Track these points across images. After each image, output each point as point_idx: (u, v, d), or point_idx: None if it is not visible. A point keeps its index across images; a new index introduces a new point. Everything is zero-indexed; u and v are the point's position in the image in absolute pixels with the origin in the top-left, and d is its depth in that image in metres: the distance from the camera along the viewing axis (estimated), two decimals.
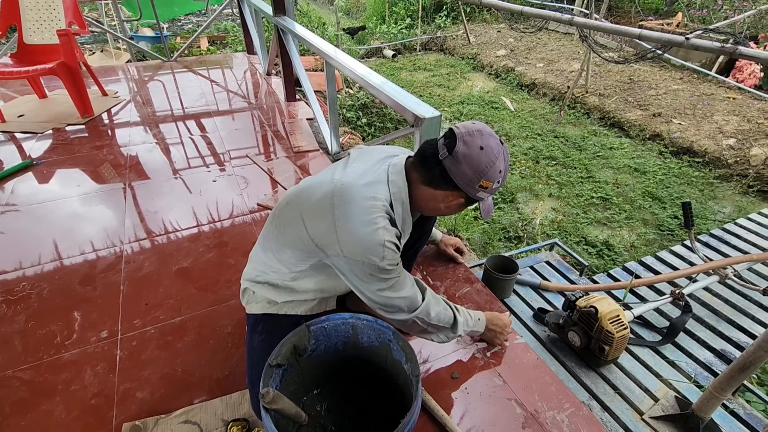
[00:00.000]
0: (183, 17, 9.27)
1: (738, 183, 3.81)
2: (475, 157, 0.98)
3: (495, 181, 1.01)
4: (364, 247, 1.02)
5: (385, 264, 1.03)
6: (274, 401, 0.87)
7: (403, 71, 6.97)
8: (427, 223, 1.51)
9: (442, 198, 1.07)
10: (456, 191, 1.04)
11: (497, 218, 3.38)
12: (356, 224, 1.02)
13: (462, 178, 1.00)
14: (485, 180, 0.99)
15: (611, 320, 1.64)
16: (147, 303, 1.66)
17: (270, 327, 1.23)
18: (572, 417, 1.27)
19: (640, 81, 5.50)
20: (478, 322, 1.35)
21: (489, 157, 0.98)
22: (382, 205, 1.04)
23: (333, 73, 2.56)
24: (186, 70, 4.43)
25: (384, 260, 1.02)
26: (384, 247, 1.02)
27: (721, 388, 1.34)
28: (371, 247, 1.01)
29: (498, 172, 1.00)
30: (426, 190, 1.07)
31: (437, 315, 1.19)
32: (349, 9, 11.22)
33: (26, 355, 1.45)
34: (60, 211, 2.21)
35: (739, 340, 1.92)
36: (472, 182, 1.00)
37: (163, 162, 2.69)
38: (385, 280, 1.07)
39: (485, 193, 1.04)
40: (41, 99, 3.52)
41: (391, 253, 1.04)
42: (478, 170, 0.98)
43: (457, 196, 1.05)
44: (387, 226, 1.04)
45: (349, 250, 1.03)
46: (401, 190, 1.07)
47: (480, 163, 0.98)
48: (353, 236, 1.02)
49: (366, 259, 1.02)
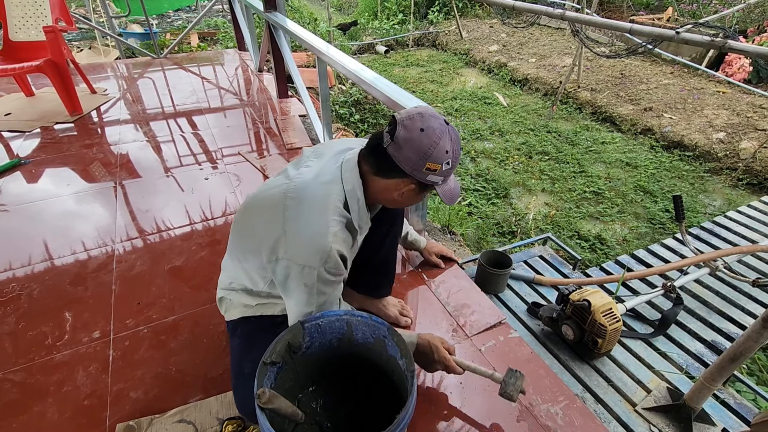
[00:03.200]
0: (172, 13, 9.17)
1: (728, 176, 3.85)
2: (416, 140, 0.95)
3: (443, 163, 0.97)
4: (310, 250, 0.98)
5: (326, 273, 0.99)
6: (270, 401, 0.87)
7: (396, 67, 6.95)
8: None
9: (394, 187, 1.03)
10: (405, 178, 1.00)
11: (490, 213, 3.39)
12: (306, 225, 0.99)
13: (407, 163, 0.97)
14: (431, 162, 0.95)
15: (604, 313, 1.66)
16: (139, 302, 1.64)
17: (247, 329, 1.21)
18: (566, 409, 1.28)
19: (631, 76, 5.53)
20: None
21: (431, 139, 0.95)
22: (336, 207, 1.02)
23: (325, 70, 2.54)
24: (176, 67, 4.38)
25: (326, 266, 0.99)
26: (330, 254, 0.98)
27: (712, 378, 1.36)
28: (317, 250, 0.98)
29: (444, 153, 0.96)
30: (378, 181, 1.04)
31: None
32: (340, 5, 11.15)
33: (17, 356, 1.43)
34: (50, 211, 2.18)
35: (730, 331, 1.95)
36: (418, 166, 0.96)
37: (155, 160, 2.66)
38: (321, 294, 1.02)
39: (436, 176, 0.99)
40: (28, 97, 3.46)
41: (335, 262, 1.00)
42: (420, 153, 0.95)
43: (407, 183, 1.01)
44: (339, 232, 1.01)
45: (293, 252, 0.99)
46: (355, 187, 1.04)
47: (422, 146, 0.95)
48: (300, 237, 0.99)
49: (308, 263, 0.98)
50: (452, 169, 1.01)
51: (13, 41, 3.21)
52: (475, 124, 4.88)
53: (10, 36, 3.20)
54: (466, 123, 4.96)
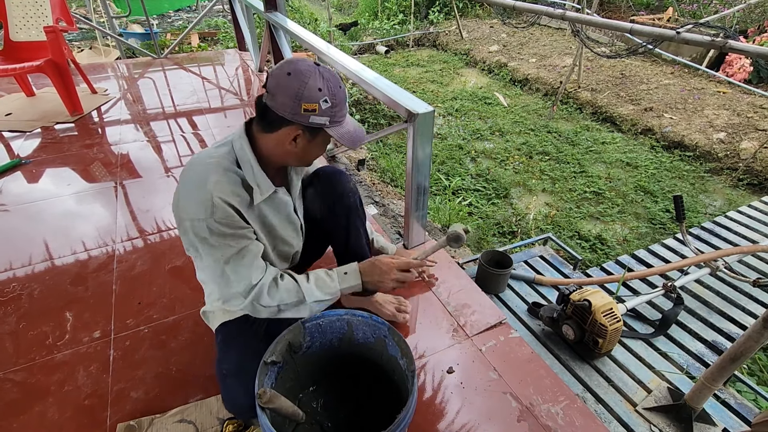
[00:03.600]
0: (173, 13, 9.18)
1: (728, 176, 3.85)
2: (286, 84, 0.96)
3: (320, 101, 0.97)
4: (194, 201, 1.00)
5: (217, 224, 1.00)
6: (271, 401, 0.87)
7: (396, 67, 6.95)
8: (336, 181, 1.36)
9: (284, 139, 1.03)
10: (290, 125, 1.01)
11: (491, 213, 3.39)
12: (189, 182, 1.03)
13: (284, 109, 0.97)
14: (306, 102, 0.96)
15: (605, 313, 1.66)
16: (140, 302, 1.64)
17: (226, 332, 1.23)
18: (567, 409, 1.28)
19: (631, 76, 5.53)
20: (345, 277, 1.22)
21: (299, 79, 0.95)
22: (218, 163, 1.04)
23: None
24: (177, 67, 4.38)
25: (213, 217, 0.99)
26: (213, 202, 0.99)
27: (713, 378, 1.36)
28: (200, 200, 1.00)
29: (317, 91, 0.96)
30: (269, 137, 1.05)
31: (275, 294, 1.11)
32: (341, 5, 11.15)
33: (18, 356, 1.43)
34: (50, 211, 2.18)
35: (730, 331, 1.95)
36: (295, 108, 0.97)
37: (155, 160, 2.66)
38: (224, 247, 1.03)
39: (319, 117, 0.99)
40: (29, 97, 3.46)
41: (223, 212, 1.01)
42: (293, 95, 0.96)
43: (294, 130, 1.01)
44: (221, 180, 1.02)
45: (183, 211, 1.02)
46: (244, 146, 1.06)
47: (292, 88, 0.95)
48: (185, 194, 1.02)
49: (196, 215, 1.00)
50: (337, 108, 1.01)
51: (14, 41, 3.21)
52: (475, 124, 4.88)
53: (10, 36, 3.21)
54: (466, 123, 4.96)
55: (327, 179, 1.36)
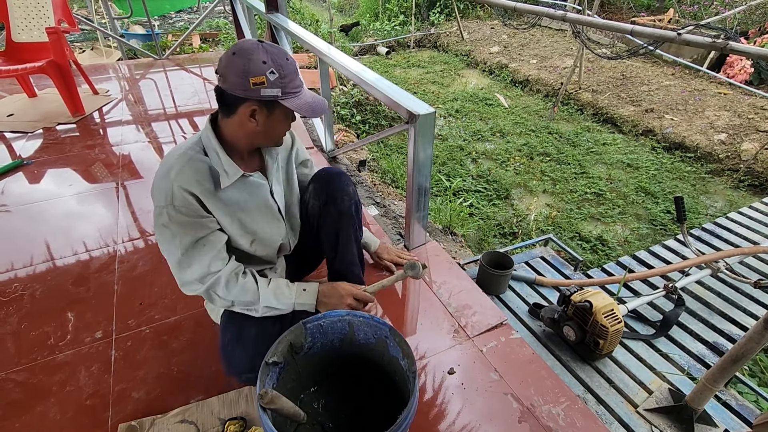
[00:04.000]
0: (174, 14, 9.20)
1: (729, 177, 3.85)
2: (232, 64, 1.00)
3: (267, 73, 1.00)
4: (158, 189, 1.06)
5: (175, 212, 1.05)
6: (272, 401, 0.87)
7: (397, 68, 6.95)
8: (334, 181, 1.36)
9: (244, 117, 1.06)
10: (243, 103, 1.04)
11: (492, 214, 3.39)
12: (157, 174, 1.09)
13: (236, 88, 1.01)
14: (253, 77, 0.99)
15: (605, 314, 1.66)
16: (141, 303, 1.65)
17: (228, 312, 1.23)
18: (568, 410, 1.28)
19: (632, 77, 5.53)
20: (303, 294, 1.26)
21: (243, 56, 0.99)
22: (183, 153, 1.09)
23: (327, 70, 2.55)
24: (178, 68, 4.39)
25: (173, 204, 1.05)
26: (172, 191, 1.04)
27: (714, 379, 1.36)
28: (161, 188, 1.06)
29: (261, 63, 0.99)
30: (230, 121, 1.09)
31: (232, 289, 1.15)
32: (342, 6, 11.17)
33: (20, 356, 1.44)
34: (52, 211, 2.18)
35: (731, 333, 1.94)
36: (244, 85, 1.00)
37: (156, 161, 2.67)
38: (182, 235, 1.07)
39: (270, 89, 1.01)
40: (31, 98, 3.47)
41: (182, 200, 1.05)
42: (240, 72, 0.99)
43: (249, 107, 1.04)
44: (182, 169, 1.06)
45: (152, 200, 1.08)
46: (209, 135, 1.11)
47: (238, 65, 0.99)
48: (154, 186, 1.08)
49: (158, 202, 1.06)
50: (287, 80, 1.03)
51: (16, 42, 3.22)
52: (476, 125, 4.88)
53: (12, 37, 3.21)
54: (467, 124, 4.96)
55: (326, 178, 1.37)
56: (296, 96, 1.06)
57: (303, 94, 1.08)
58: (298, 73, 1.07)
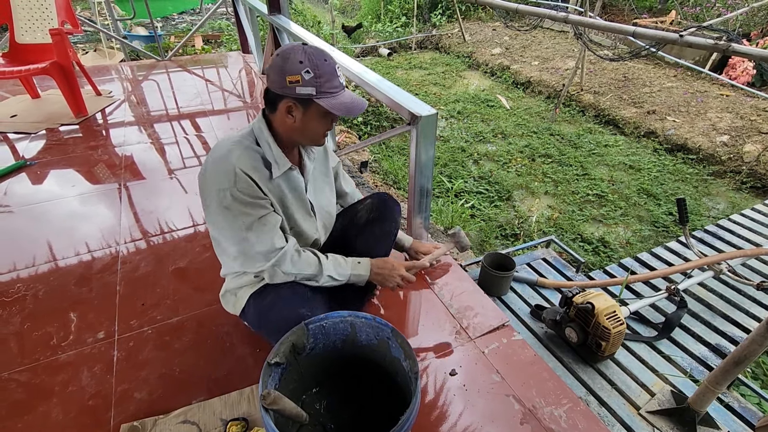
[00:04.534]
0: (177, 16, 9.22)
1: (731, 179, 3.84)
2: (274, 63, 1.08)
3: (302, 72, 1.05)
4: (219, 172, 1.11)
5: (239, 192, 1.11)
6: (274, 402, 0.87)
7: (399, 70, 6.96)
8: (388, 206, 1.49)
9: (283, 114, 1.13)
10: (282, 100, 1.10)
11: (493, 216, 3.39)
12: (214, 157, 1.15)
13: (275, 85, 1.09)
14: (289, 75, 1.05)
15: (608, 316, 1.66)
16: (143, 303, 1.65)
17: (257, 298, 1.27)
18: (570, 412, 1.28)
19: (634, 78, 5.53)
20: (358, 266, 1.36)
21: (283, 56, 1.07)
22: (240, 142, 1.16)
23: None
24: (180, 70, 4.41)
25: (237, 186, 1.10)
26: (236, 173, 1.10)
27: (716, 382, 1.36)
28: (224, 171, 1.11)
29: (298, 63, 1.05)
30: (274, 117, 1.16)
31: (297, 263, 1.23)
32: (343, 7, 11.19)
33: (22, 356, 1.44)
34: (55, 212, 2.19)
35: (734, 335, 1.94)
36: (281, 82, 1.07)
37: (159, 162, 2.67)
38: (244, 215, 1.12)
39: (304, 87, 1.07)
40: (34, 99, 3.48)
41: (245, 182, 1.11)
42: (278, 70, 1.06)
43: (286, 103, 1.10)
44: (243, 155, 1.13)
45: (209, 184, 1.13)
46: (262, 127, 1.18)
47: (277, 65, 1.07)
48: (211, 167, 1.14)
49: (220, 185, 1.10)
50: (323, 79, 1.08)
51: (19, 43, 3.23)
52: (477, 127, 4.89)
53: (16, 38, 3.23)
54: (469, 125, 4.96)
55: (384, 202, 1.51)
56: (332, 96, 1.11)
57: (341, 95, 1.13)
58: (336, 74, 1.11)
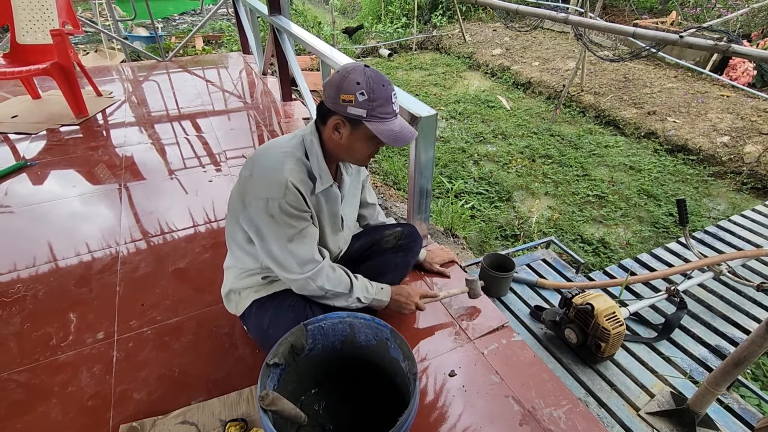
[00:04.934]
0: (177, 16, 9.23)
1: (732, 180, 3.84)
2: (332, 79, 1.10)
3: (356, 93, 1.06)
4: (270, 182, 1.12)
5: (287, 205, 1.12)
6: (273, 403, 0.87)
7: (399, 70, 6.97)
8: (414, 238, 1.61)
9: (330, 128, 1.14)
10: (332, 115, 1.12)
11: (493, 216, 3.39)
12: (266, 166, 1.16)
13: (328, 100, 1.11)
14: (344, 93, 1.07)
15: (607, 317, 1.65)
16: (143, 304, 1.65)
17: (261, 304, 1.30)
18: (569, 413, 1.28)
19: (634, 79, 5.52)
20: (381, 291, 1.39)
21: (342, 75, 1.08)
22: (292, 153, 1.17)
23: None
24: (181, 70, 4.41)
25: (286, 198, 1.11)
26: (287, 186, 1.12)
27: (716, 383, 1.35)
28: (276, 182, 1.12)
29: (355, 84, 1.06)
30: (324, 129, 1.17)
31: (331, 279, 1.25)
32: (344, 8, 11.20)
33: (22, 357, 1.44)
34: (55, 213, 2.19)
35: (734, 336, 1.94)
36: (335, 99, 1.08)
37: (159, 162, 2.68)
38: (288, 227, 1.14)
39: (356, 108, 1.08)
40: (35, 99, 3.49)
41: (294, 195, 1.13)
42: (334, 87, 1.08)
43: (336, 119, 1.12)
44: (295, 168, 1.15)
45: (256, 189, 1.13)
46: (313, 140, 1.19)
47: (335, 82, 1.09)
48: (262, 174, 1.15)
49: (269, 194, 1.11)
50: (375, 104, 1.09)
51: (20, 44, 3.24)
52: (478, 127, 4.89)
53: (17, 39, 3.24)
54: (469, 126, 4.96)
55: (414, 235, 1.61)
56: (382, 122, 1.11)
57: (391, 122, 1.13)
58: (391, 101, 1.12)
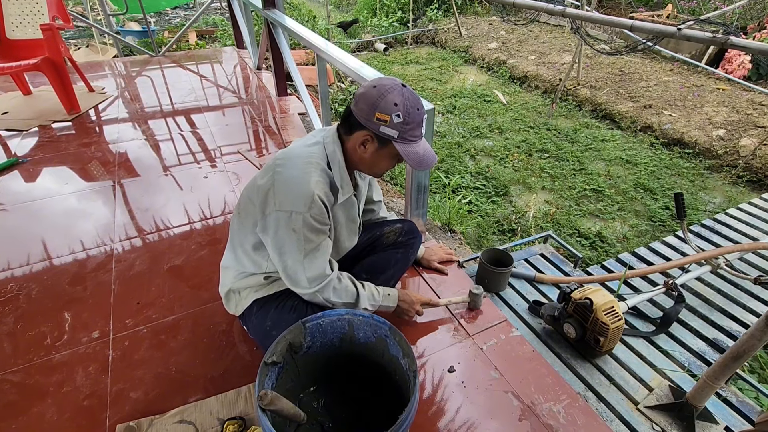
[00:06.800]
0: (170, 11, 9.13)
1: (728, 173, 3.84)
2: (368, 93, 1.07)
3: (393, 114, 1.05)
4: (295, 195, 1.10)
5: (311, 218, 1.10)
6: (272, 402, 0.86)
7: (395, 65, 6.93)
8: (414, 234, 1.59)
9: (356, 141, 1.13)
10: (363, 130, 1.10)
11: (491, 211, 3.38)
12: (291, 176, 1.12)
13: (361, 114, 1.08)
14: (380, 112, 1.05)
15: (606, 311, 1.65)
16: (139, 302, 1.63)
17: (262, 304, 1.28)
18: (568, 408, 1.28)
19: (631, 73, 5.51)
20: (388, 297, 1.39)
21: (380, 91, 1.06)
22: (317, 163, 1.15)
23: (324, 67, 2.53)
24: (174, 65, 4.36)
25: (311, 211, 1.09)
26: (313, 199, 1.09)
27: (715, 377, 1.35)
28: (302, 194, 1.09)
29: (392, 105, 1.05)
30: (348, 140, 1.15)
31: (337, 291, 1.24)
32: (339, 2, 11.11)
33: (16, 357, 1.42)
34: (48, 210, 2.17)
35: (732, 330, 1.94)
36: (369, 115, 1.06)
37: (153, 159, 2.65)
38: (307, 241, 1.12)
39: (389, 128, 1.07)
40: (26, 96, 3.44)
41: (319, 209, 1.11)
42: (370, 103, 1.06)
43: (365, 134, 1.10)
44: (320, 180, 1.13)
45: (281, 200, 1.10)
46: (335, 149, 1.17)
47: (371, 97, 1.06)
48: (286, 185, 1.11)
49: (294, 207, 1.09)
50: (408, 127, 1.08)
51: (10, 39, 3.19)
52: (474, 122, 4.87)
53: (6, 34, 3.18)
54: (465, 121, 4.94)
55: (414, 233, 1.60)
56: (410, 144, 1.12)
57: (418, 144, 1.13)
58: (422, 125, 1.12)
